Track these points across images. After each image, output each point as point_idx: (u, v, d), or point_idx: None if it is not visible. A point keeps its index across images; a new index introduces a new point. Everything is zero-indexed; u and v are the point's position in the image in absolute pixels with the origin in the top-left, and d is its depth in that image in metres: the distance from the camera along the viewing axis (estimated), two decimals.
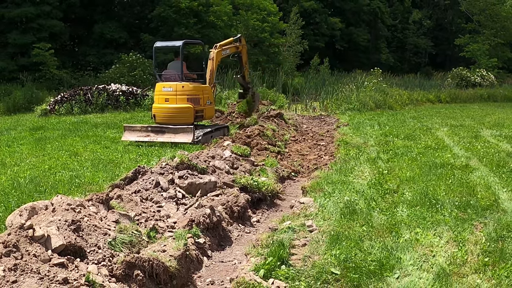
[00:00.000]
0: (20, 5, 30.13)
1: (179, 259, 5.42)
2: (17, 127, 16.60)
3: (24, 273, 4.19)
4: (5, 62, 29.43)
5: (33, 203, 5.88)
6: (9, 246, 4.40)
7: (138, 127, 13.66)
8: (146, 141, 13.25)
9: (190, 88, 13.82)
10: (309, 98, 25.88)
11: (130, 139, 13.43)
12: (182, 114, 13.68)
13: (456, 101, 28.58)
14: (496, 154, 10.95)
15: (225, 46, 15.16)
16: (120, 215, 6.01)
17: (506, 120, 17.91)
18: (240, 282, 4.93)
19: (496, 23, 41.72)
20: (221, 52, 14.77)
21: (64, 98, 21.35)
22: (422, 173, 9.13)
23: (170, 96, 13.82)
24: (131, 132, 13.56)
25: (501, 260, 5.21)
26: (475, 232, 6.07)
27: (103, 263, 4.90)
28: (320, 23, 48.62)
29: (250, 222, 7.72)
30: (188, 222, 6.44)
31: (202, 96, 13.99)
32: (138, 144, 13.08)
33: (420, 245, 5.70)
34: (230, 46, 15.42)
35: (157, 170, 8.26)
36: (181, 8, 33.20)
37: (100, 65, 31.41)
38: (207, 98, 14.27)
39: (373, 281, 4.84)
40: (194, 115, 13.75)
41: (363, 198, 7.62)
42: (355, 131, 15.31)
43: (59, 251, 4.69)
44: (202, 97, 14.00)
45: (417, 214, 6.75)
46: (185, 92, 13.76)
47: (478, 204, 7.14)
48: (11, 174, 9.69)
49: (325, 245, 5.75)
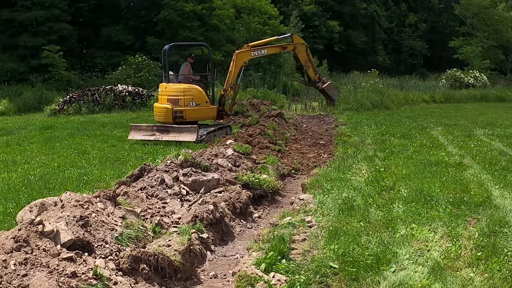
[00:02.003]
0: (30, 8, 30.15)
1: (184, 253, 5.42)
2: (27, 127, 16.61)
3: (34, 267, 4.19)
4: (16, 63, 29.46)
5: (43, 200, 5.89)
6: (19, 241, 4.40)
7: (144, 126, 13.65)
8: (151, 140, 13.21)
9: (171, 89, 13.92)
10: (309, 98, 25.84)
11: (137, 138, 13.41)
12: (163, 114, 13.90)
13: (450, 101, 28.54)
14: (489, 153, 10.93)
15: (258, 46, 14.46)
16: (127, 211, 6.01)
17: (498, 120, 17.89)
18: (242, 275, 4.93)
19: (489, 26, 41.72)
20: (248, 53, 14.23)
21: (73, 99, 21.38)
22: (418, 170, 9.11)
23: (159, 96, 14.57)
24: (137, 131, 13.54)
25: (494, 254, 5.20)
26: (469, 228, 6.06)
27: (110, 257, 4.90)
28: (319, 26, 48.54)
29: (252, 218, 7.72)
30: (192, 218, 6.43)
31: (183, 97, 13.72)
32: (144, 143, 13.09)
33: (416, 240, 5.69)
34: (269, 47, 14.71)
35: (162, 167, 8.26)
36: (185, 11, 33.18)
37: (107, 66, 31.39)
38: (191, 99, 13.85)
39: (370, 274, 4.83)
40: (173, 115, 13.64)
41: (360, 194, 7.61)
42: (353, 130, 15.29)
43: (68, 245, 4.70)
44: (183, 98, 13.72)
45: (413, 210, 6.74)
46: (167, 93, 13.96)
47: (471, 200, 7.13)
48: (22, 172, 9.70)
49: (324, 240, 5.74)
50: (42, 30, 30.29)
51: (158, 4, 34.80)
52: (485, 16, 41.26)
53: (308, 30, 45.58)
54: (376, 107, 22.71)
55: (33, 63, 29.82)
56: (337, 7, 51.69)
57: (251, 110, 18.32)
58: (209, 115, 14.68)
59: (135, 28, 35.74)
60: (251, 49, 14.20)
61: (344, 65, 49.45)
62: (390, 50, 58.21)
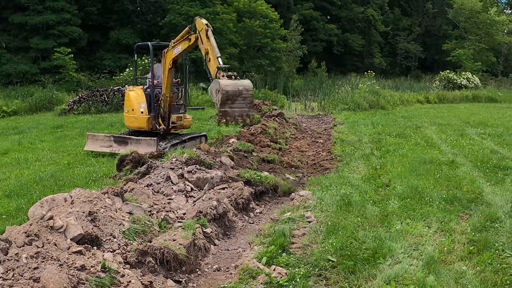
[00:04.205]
0: (42, 13, 30.19)
1: (188, 247, 5.41)
2: (38, 126, 16.61)
3: (45, 260, 4.19)
4: (28, 65, 29.53)
5: (53, 196, 5.89)
6: (31, 235, 4.40)
7: (101, 137, 11.86)
8: (108, 151, 11.37)
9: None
10: (308, 99, 25.84)
11: (92, 149, 11.64)
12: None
13: (443, 101, 28.47)
14: (480, 151, 10.91)
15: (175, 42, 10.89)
16: (134, 207, 6.01)
17: (489, 119, 17.85)
18: (244, 268, 4.93)
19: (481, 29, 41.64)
20: (171, 52, 10.89)
21: (82, 99, 21.38)
22: (412, 168, 9.10)
23: None
24: (94, 142, 11.79)
25: (485, 248, 5.20)
26: (461, 223, 6.06)
27: (118, 251, 4.90)
28: (318, 29, 48.51)
29: (254, 213, 7.71)
30: (196, 213, 6.43)
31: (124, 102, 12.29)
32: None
33: (410, 235, 5.68)
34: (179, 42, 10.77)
35: (167, 165, 8.25)
36: (190, 15, 33.14)
37: (116, 68, 31.38)
38: (126, 106, 12.16)
39: (367, 267, 4.82)
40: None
41: (357, 191, 7.60)
42: (350, 129, 15.27)
43: (77, 240, 4.69)
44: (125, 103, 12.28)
45: (408, 206, 6.73)
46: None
47: (464, 197, 7.13)
48: (33, 169, 9.71)
49: (323, 234, 5.74)
50: (53, 33, 30.32)
51: (164, 8, 34.80)
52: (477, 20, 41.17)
53: (308, 33, 45.53)
54: (373, 107, 22.67)
55: (44, 65, 29.89)
56: (335, 12, 51.66)
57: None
58: (134, 125, 12.01)
59: (142, 32, 35.73)
60: (173, 47, 10.85)
61: (342, 67, 49.47)
62: (386, 53, 58.15)
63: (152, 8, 35.94)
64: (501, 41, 43.56)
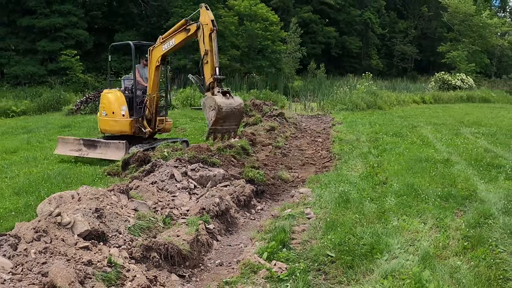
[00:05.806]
0: (49, 16, 30.18)
1: (191, 243, 5.42)
2: (46, 125, 16.62)
3: (53, 255, 4.19)
4: (35, 67, 29.55)
5: (61, 193, 5.90)
6: (39, 231, 4.41)
7: (71, 140, 11.09)
8: (78, 156, 10.75)
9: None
10: (308, 99, 25.84)
11: (63, 153, 10.95)
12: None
13: (438, 102, 28.43)
14: (475, 150, 10.89)
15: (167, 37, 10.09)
16: (139, 204, 6.02)
17: (483, 119, 17.82)
18: (245, 263, 4.93)
19: (474, 32, 41.57)
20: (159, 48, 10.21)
21: (89, 99, 21.37)
22: (409, 166, 9.09)
23: None
24: (64, 145, 11.04)
25: (479, 244, 5.20)
26: (456, 219, 6.05)
27: (124, 246, 4.91)
28: (317, 32, 48.48)
29: (255, 210, 7.72)
30: (199, 210, 6.43)
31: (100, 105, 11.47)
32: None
33: (407, 231, 5.68)
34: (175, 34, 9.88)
35: (171, 163, 8.25)
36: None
37: (121, 69, 31.38)
38: (103, 108, 11.22)
39: (364, 262, 4.82)
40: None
41: (355, 189, 7.60)
42: (349, 128, 15.26)
43: (84, 235, 4.70)
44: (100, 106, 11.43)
45: (404, 203, 6.73)
46: None
47: (459, 194, 7.12)
48: (42, 167, 9.72)
49: (322, 230, 5.74)
50: (60, 36, 30.33)
51: (167, 11, 34.77)
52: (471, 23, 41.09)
53: (307, 36, 45.49)
54: (370, 108, 22.64)
55: (52, 67, 29.91)
56: (333, 15, 51.59)
57: (254, 110, 18.28)
58: (115, 129, 11.15)
59: (146, 34, 35.67)
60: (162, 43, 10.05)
61: (340, 68, 49.43)
62: (383, 55, 58.12)
63: (156, 11, 35.92)
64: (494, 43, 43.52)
